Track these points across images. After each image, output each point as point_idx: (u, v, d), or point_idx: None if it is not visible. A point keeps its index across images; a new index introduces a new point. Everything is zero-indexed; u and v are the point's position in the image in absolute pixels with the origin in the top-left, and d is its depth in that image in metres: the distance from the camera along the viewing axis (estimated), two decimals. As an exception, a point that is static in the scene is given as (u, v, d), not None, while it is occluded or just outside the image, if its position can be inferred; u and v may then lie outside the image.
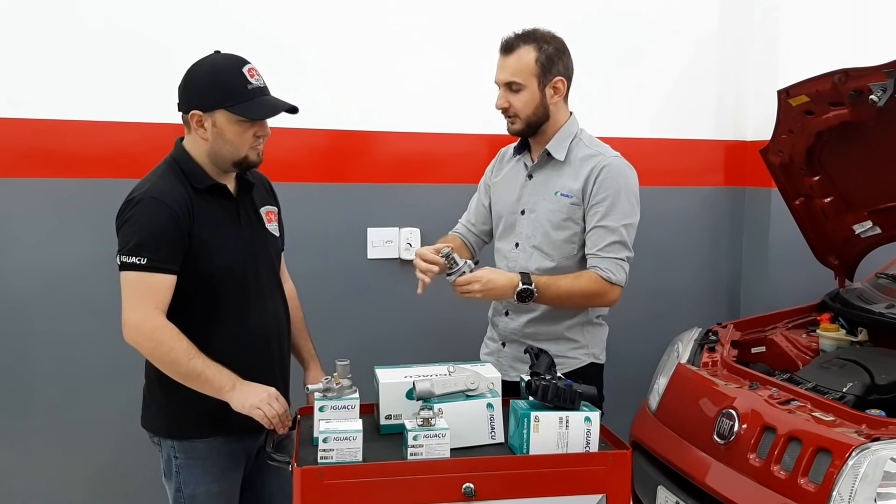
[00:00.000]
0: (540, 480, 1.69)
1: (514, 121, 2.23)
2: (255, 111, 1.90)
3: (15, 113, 2.71)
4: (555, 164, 2.26)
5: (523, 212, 2.29)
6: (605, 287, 2.17)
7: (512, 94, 2.19)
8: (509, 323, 2.31)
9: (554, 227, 2.23)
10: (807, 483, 1.97)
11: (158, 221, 1.85)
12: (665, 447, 2.48)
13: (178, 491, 1.98)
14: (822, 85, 2.47)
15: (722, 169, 3.60)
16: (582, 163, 2.23)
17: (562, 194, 2.22)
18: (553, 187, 2.24)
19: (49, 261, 2.79)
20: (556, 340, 2.27)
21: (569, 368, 2.26)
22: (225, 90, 1.88)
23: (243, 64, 1.91)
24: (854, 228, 2.92)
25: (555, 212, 2.22)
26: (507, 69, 2.18)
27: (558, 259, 2.23)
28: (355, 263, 3.13)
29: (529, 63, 2.16)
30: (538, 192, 2.27)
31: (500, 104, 2.22)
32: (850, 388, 2.29)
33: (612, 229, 2.18)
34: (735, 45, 3.52)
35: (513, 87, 2.18)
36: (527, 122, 2.21)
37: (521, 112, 2.20)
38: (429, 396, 1.78)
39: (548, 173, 2.27)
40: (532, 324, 2.27)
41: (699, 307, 3.56)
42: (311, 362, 2.22)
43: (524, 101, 2.19)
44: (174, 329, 1.84)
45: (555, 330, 2.27)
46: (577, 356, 2.30)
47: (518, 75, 2.17)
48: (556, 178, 2.25)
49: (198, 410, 1.91)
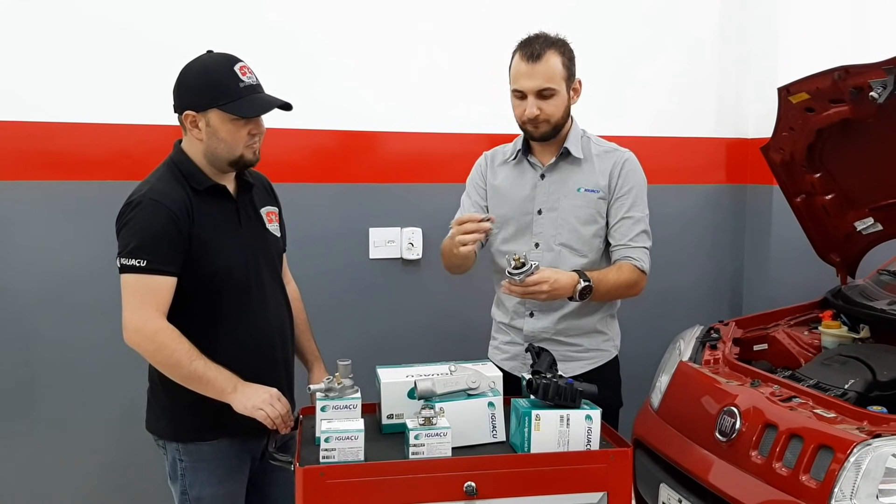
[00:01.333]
0: (541, 479, 1.69)
1: (542, 126, 2.20)
2: (247, 109, 1.89)
3: (18, 115, 2.72)
4: (572, 162, 2.27)
5: (540, 211, 2.28)
6: (640, 276, 2.23)
7: (543, 101, 2.17)
8: (536, 323, 2.29)
9: (582, 222, 2.24)
10: (808, 480, 1.97)
11: (158, 223, 1.85)
12: (667, 445, 2.48)
13: (183, 493, 1.99)
14: (823, 82, 2.47)
15: (723, 167, 3.60)
16: (600, 159, 2.27)
17: (586, 190, 2.24)
18: (574, 184, 2.26)
19: (52, 263, 2.80)
20: (589, 334, 2.29)
21: (602, 361, 2.30)
22: (216, 89, 1.88)
23: (235, 62, 1.91)
24: (855, 225, 2.92)
25: (581, 207, 2.24)
26: (539, 76, 2.16)
27: (589, 254, 2.25)
28: (357, 263, 3.14)
29: (559, 67, 2.17)
30: (556, 190, 2.27)
31: (532, 112, 2.17)
32: (851, 384, 2.29)
33: (638, 219, 2.24)
34: (735, 42, 3.52)
35: (545, 93, 2.17)
36: (555, 125, 2.21)
37: (553, 117, 2.19)
38: (430, 395, 1.79)
39: (565, 171, 2.27)
40: (564, 320, 2.26)
41: (701, 305, 3.56)
42: (315, 363, 2.22)
43: (556, 106, 2.19)
44: (175, 331, 1.84)
45: (587, 323, 2.28)
46: (608, 348, 2.33)
47: (552, 81, 2.16)
48: (577, 176, 2.26)
49: (202, 413, 1.91)
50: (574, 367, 2.24)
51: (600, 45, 3.30)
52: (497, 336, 2.43)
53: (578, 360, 2.27)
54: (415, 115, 3.13)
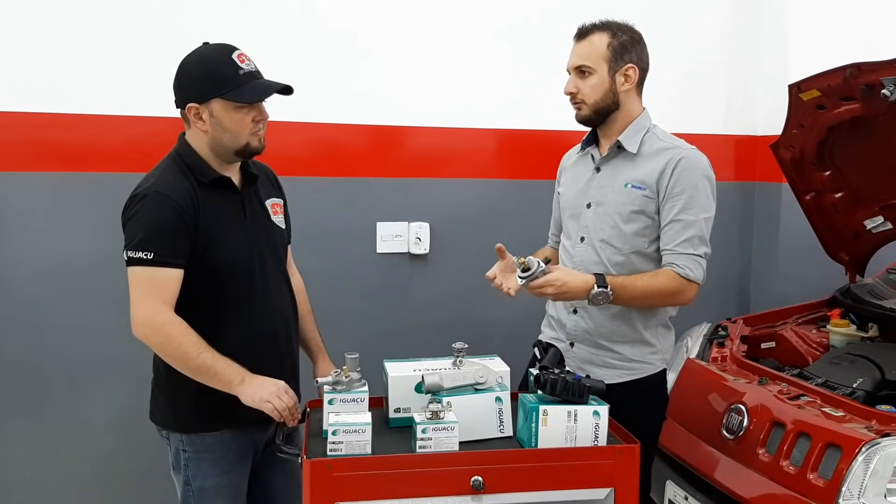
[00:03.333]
0: (548, 474, 1.69)
1: (581, 106, 2.19)
2: (250, 95, 1.90)
3: (27, 107, 2.73)
4: (625, 157, 2.20)
5: (589, 205, 2.22)
6: (683, 285, 2.11)
7: (580, 79, 2.16)
8: (579, 322, 2.22)
9: (624, 219, 2.16)
10: (816, 478, 1.96)
11: (164, 216, 1.86)
12: (674, 442, 2.47)
13: (186, 484, 1.99)
14: (834, 79, 2.45)
15: (732, 164, 3.58)
16: (656, 155, 2.16)
17: (633, 186, 2.15)
18: (623, 179, 2.18)
19: (61, 254, 2.81)
20: (634, 343, 2.19)
21: (645, 374, 2.21)
22: (217, 79, 1.88)
23: (232, 50, 1.91)
24: (865, 224, 2.91)
25: (625, 204, 2.15)
26: (578, 54, 2.17)
27: (627, 253, 2.16)
28: (364, 258, 3.14)
29: (601, 48, 2.15)
30: (606, 184, 2.21)
31: (569, 88, 2.18)
32: (860, 383, 2.28)
33: (689, 223, 2.11)
34: (745, 38, 3.50)
35: (582, 70, 2.15)
36: (594, 108, 2.17)
37: (589, 97, 2.16)
38: (438, 390, 1.78)
39: (617, 165, 2.21)
40: (608, 322, 2.18)
41: (708, 302, 3.51)
42: (320, 355, 2.22)
43: (592, 86, 2.15)
44: (183, 324, 1.85)
45: (633, 331, 2.19)
46: (654, 361, 2.23)
47: (588, 59, 2.15)
48: (627, 171, 2.18)
49: (206, 404, 1.92)
50: (611, 376, 2.14)
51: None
52: (545, 330, 2.38)
53: (618, 368, 2.18)
54: (424, 110, 3.12)
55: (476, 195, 3.08)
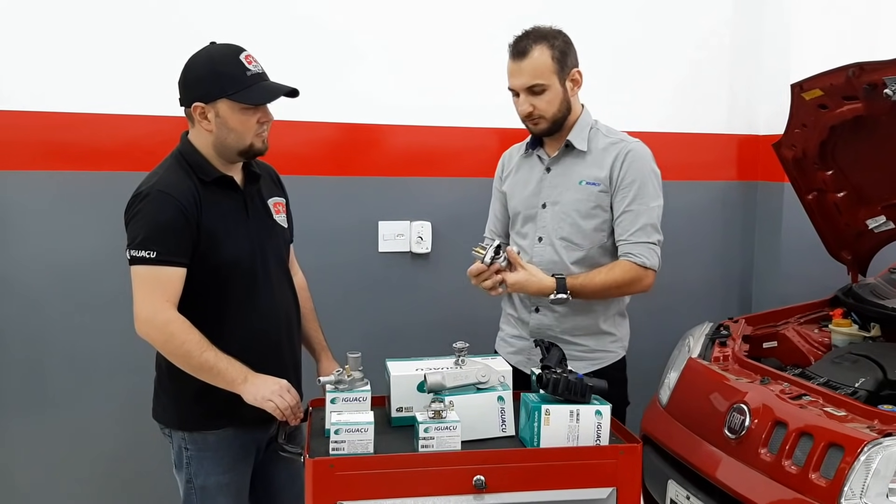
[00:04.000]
0: (550, 473, 1.69)
1: (539, 122, 2.20)
2: (257, 97, 1.90)
3: (29, 105, 2.73)
4: (576, 155, 2.25)
5: (545, 205, 2.27)
6: (640, 273, 2.19)
7: (535, 97, 2.16)
8: (542, 319, 2.28)
9: (583, 216, 2.22)
10: (818, 478, 1.96)
11: (167, 214, 1.86)
12: (676, 441, 2.47)
13: (188, 482, 2.00)
14: (836, 79, 2.44)
15: (734, 163, 3.58)
16: (604, 151, 2.23)
17: (587, 182, 2.21)
18: (577, 177, 2.23)
19: (62, 253, 2.81)
20: (595, 335, 2.27)
21: (608, 363, 2.27)
22: (225, 79, 1.88)
23: (240, 51, 1.92)
24: (867, 223, 2.90)
25: (582, 201, 2.21)
26: (525, 73, 2.15)
27: (587, 248, 2.23)
28: (366, 257, 3.14)
29: (547, 62, 2.14)
30: (560, 183, 2.25)
31: (525, 110, 2.18)
32: (862, 383, 2.28)
33: (640, 212, 2.18)
34: (747, 37, 3.50)
35: (535, 89, 2.15)
36: (552, 120, 2.20)
37: (547, 112, 2.18)
38: (440, 389, 1.79)
39: (568, 164, 2.26)
40: (569, 318, 2.25)
41: (710, 302, 3.55)
42: (323, 353, 2.23)
43: (548, 101, 2.17)
44: (186, 322, 1.85)
45: (592, 324, 2.26)
46: (615, 349, 2.31)
47: (540, 76, 2.15)
48: (579, 168, 2.24)
49: (208, 402, 1.93)
50: (578, 367, 2.16)
51: (611, 39, 3.29)
52: (505, 328, 2.43)
53: (583, 360, 2.25)
54: (426, 109, 3.12)
55: (478, 194, 3.06)
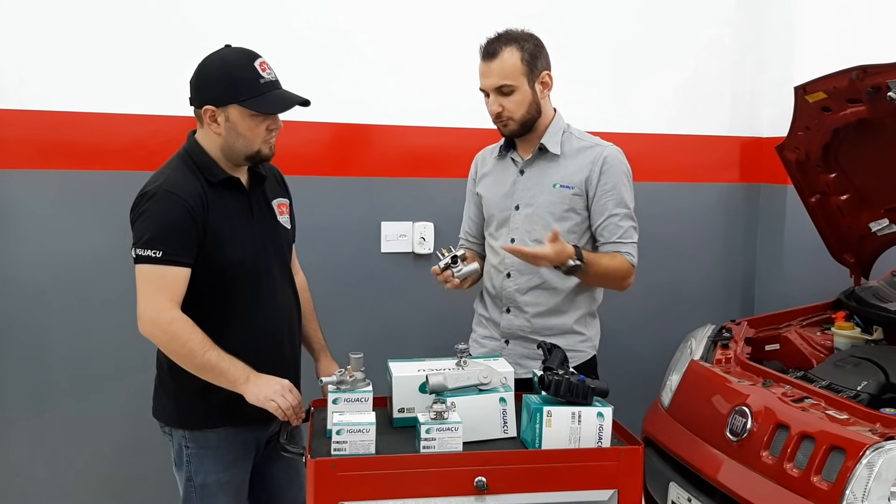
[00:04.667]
0: (552, 475, 1.70)
1: (508, 123, 2.23)
2: (269, 105, 1.90)
3: (33, 105, 2.73)
4: (549, 158, 2.28)
5: (518, 207, 2.29)
6: (630, 270, 2.25)
7: (504, 98, 2.19)
8: (513, 320, 2.31)
9: (556, 218, 2.24)
10: (820, 481, 1.96)
11: (173, 214, 1.86)
12: (677, 443, 2.47)
13: (188, 480, 2.00)
14: (840, 81, 2.45)
15: (737, 165, 3.58)
16: (579, 154, 2.26)
17: (561, 186, 2.25)
18: (550, 180, 2.26)
19: (65, 252, 2.81)
20: (565, 334, 2.29)
21: (578, 362, 2.28)
22: (238, 85, 1.88)
23: (255, 58, 1.92)
24: (870, 226, 2.90)
25: (555, 203, 2.25)
26: (494, 73, 2.19)
27: None
28: (369, 257, 3.14)
29: (516, 63, 2.17)
30: (533, 186, 2.28)
31: (494, 110, 2.22)
32: (864, 386, 2.28)
33: (624, 216, 2.24)
34: (751, 39, 3.49)
35: (504, 90, 2.18)
36: (521, 122, 2.23)
37: (516, 113, 2.21)
38: (442, 390, 1.79)
39: (542, 167, 2.28)
40: (539, 318, 2.28)
41: (713, 304, 3.54)
42: (322, 353, 2.23)
43: (517, 102, 2.20)
44: (189, 321, 1.85)
45: (564, 323, 2.29)
46: (585, 349, 2.34)
47: (508, 77, 2.17)
48: (553, 171, 2.27)
49: (208, 401, 1.93)
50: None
51: (614, 41, 3.29)
52: (477, 329, 2.46)
53: None
54: (429, 110, 3.12)
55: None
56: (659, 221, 3.41)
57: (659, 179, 3.43)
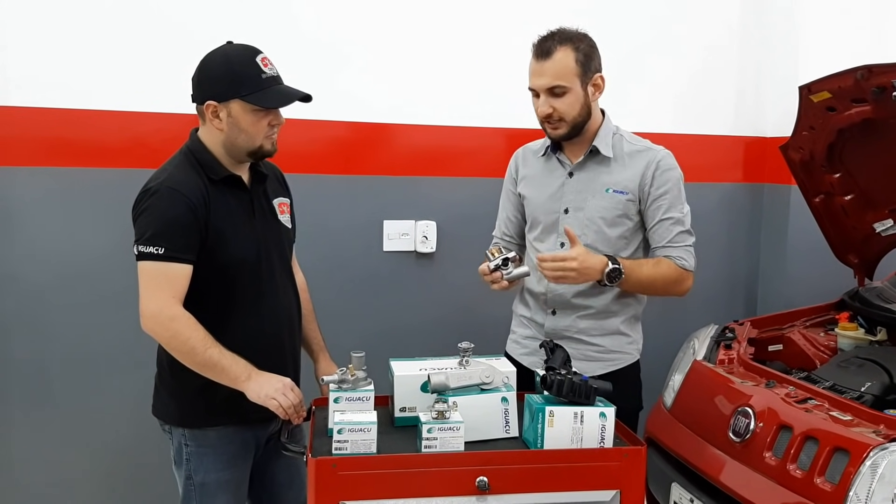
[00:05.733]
0: (554, 475, 1.68)
1: (559, 126, 2.16)
2: (271, 100, 1.90)
3: (34, 102, 2.73)
4: (601, 161, 2.21)
5: (567, 210, 2.23)
6: (682, 274, 2.19)
7: (555, 99, 2.13)
8: (558, 322, 2.25)
9: (608, 224, 2.19)
10: (823, 483, 1.96)
11: (175, 211, 1.86)
12: (680, 444, 2.47)
13: (188, 479, 2.00)
14: (845, 81, 2.44)
15: (741, 165, 3.56)
16: (632, 158, 2.20)
17: (615, 191, 2.18)
18: (603, 184, 2.20)
19: (66, 250, 2.80)
20: (612, 335, 2.24)
21: (624, 364, 2.25)
22: (240, 80, 1.88)
23: (256, 53, 1.92)
24: (875, 227, 2.89)
25: (608, 209, 2.18)
26: (547, 73, 2.11)
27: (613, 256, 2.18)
28: (371, 256, 3.13)
29: (570, 64, 2.11)
30: (584, 189, 2.22)
31: (544, 111, 2.14)
32: (868, 387, 2.27)
33: (678, 220, 2.19)
34: (755, 39, 3.48)
35: (556, 91, 2.12)
36: (572, 124, 2.16)
37: (567, 115, 2.14)
38: (444, 389, 1.78)
39: (594, 170, 2.22)
40: (586, 319, 2.23)
41: (715, 304, 3.53)
42: (321, 353, 2.22)
43: (569, 104, 2.13)
44: (191, 319, 1.85)
45: (611, 324, 2.24)
46: (631, 351, 2.28)
47: (562, 78, 2.11)
48: (605, 175, 2.20)
49: (209, 399, 1.93)
50: (594, 368, 2.17)
51: (617, 40, 3.26)
52: (517, 330, 2.40)
53: (599, 360, 2.22)
54: (431, 109, 3.11)
55: (483, 194, 3.05)
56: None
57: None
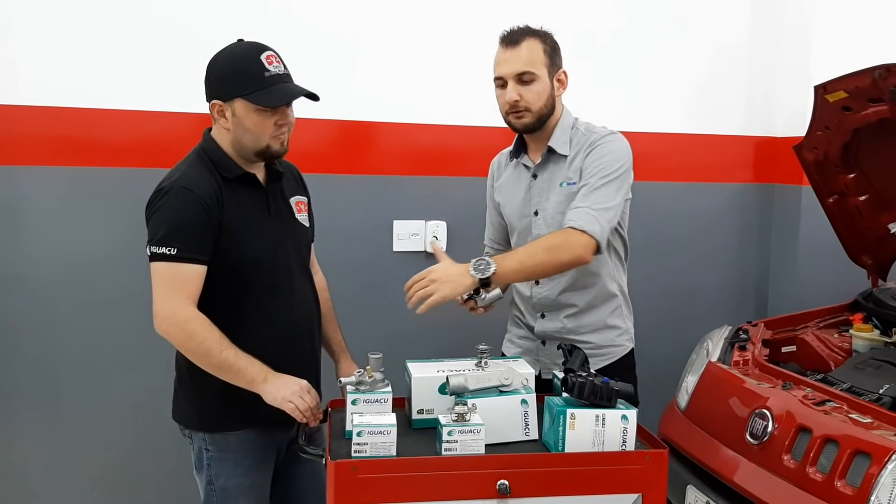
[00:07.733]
0: (575, 478, 1.67)
1: (524, 115, 2.14)
2: (270, 99, 1.86)
3: (45, 101, 2.71)
4: (558, 159, 2.21)
5: (536, 213, 2.23)
6: (568, 234, 2.00)
7: (523, 87, 2.12)
8: (547, 324, 2.26)
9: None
10: (844, 486, 1.94)
11: (188, 211, 1.84)
12: (695, 446, 2.45)
13: (209, 484, 1.97)
14: (862, 80, 2.42)
15: (751, 165, 3.55)
16: (583, 148, 2.18)
17: (567, 183, 2.17)
18: (558, 180, 2.19)
19: (77, 250, 2.79)
20: (601, 330, 2.24)
21: (616, 357, 2.25)
22: (241, 78, 1.85)
23: (262, 51, 1.88)
24: (889, 227, 2.87)
25: (564, 202, 2.15)
26: (518, 60, 2.11)
27: None
28: (381, 256, 3.11)
29: (539, 53, 2.12)
30: (546, 189, 2.22)
31: (511, 97, 2.12)
32: (886, 389, 2.25)
33: (593, 185, 2.07)
34: (766, 39, 3.47)
35: (525, 77, 2.11)
36: (538, 115, 2.15)
37: (534, 104, 2.13)
38: (462, 391, 1.76)
39: (552, 169, 2.22)
40: (572, 319, 2.23)
41: (726, 305, 3.52)
42: (342, 354, 2.20)
43: (537, 93, 2.12)
44: (206, 320, 1.83)
45: (597, 319, 2.24)
46: (623, 342, 2.28)
47: (532, 65, 2.11)
48: (561, 171, 2.20)
49: (229, 403, 1.90)
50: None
51: (630, 41, 3.27)
52: (512, 329, 2.41)
53: (592, 356, 2.16)
54: (442, 108, 3.09)
55: (494, 194, 3.05)
56: (673, 221, 3.39)
57: (672, 179, 3.41)
